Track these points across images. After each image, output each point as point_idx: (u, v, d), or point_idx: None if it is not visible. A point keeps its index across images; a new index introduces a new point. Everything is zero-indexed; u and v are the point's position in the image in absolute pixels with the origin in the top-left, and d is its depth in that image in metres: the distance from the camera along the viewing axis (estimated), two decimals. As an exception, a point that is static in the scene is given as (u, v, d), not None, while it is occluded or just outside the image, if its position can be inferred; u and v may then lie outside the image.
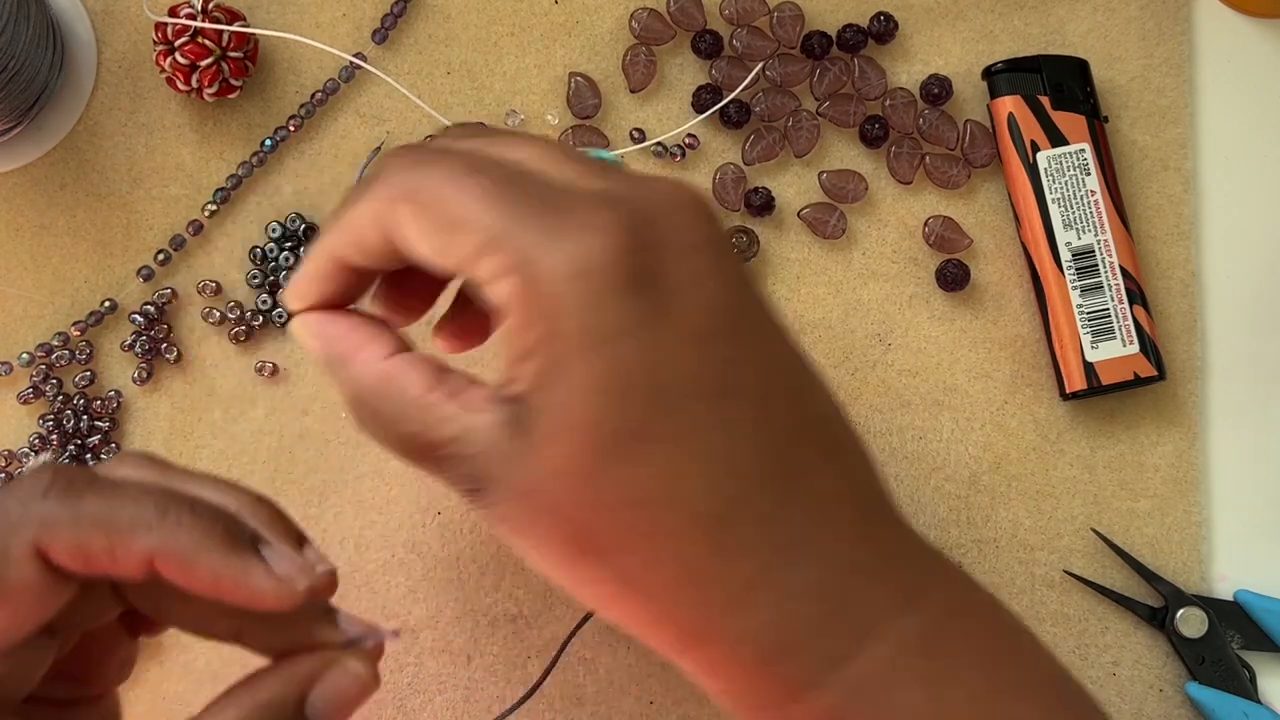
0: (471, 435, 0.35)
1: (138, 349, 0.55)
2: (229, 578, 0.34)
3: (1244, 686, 0.54)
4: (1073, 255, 0.55)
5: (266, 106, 0.56)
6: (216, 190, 0.56)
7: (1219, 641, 0.54)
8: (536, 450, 0.34)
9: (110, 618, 0.38)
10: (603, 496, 0.34)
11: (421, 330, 0.44)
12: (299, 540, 0.36)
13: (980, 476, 0.56)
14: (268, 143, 0.56)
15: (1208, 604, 0.55)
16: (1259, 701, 0.54)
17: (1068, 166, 0.55)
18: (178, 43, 0.53)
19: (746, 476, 0.34)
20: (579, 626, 0.54)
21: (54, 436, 0.54)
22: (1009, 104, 0.55)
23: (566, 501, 0.34)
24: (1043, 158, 0.55)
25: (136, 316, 0.55)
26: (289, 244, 0.55)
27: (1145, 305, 0.55)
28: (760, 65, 0.56)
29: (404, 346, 0.38)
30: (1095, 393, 0.54)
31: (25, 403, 0.55)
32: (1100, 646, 0.55)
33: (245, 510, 0.36)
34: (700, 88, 0.56)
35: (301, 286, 0.40)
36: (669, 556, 0.34)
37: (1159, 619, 0.55)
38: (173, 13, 0.53)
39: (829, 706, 0.35)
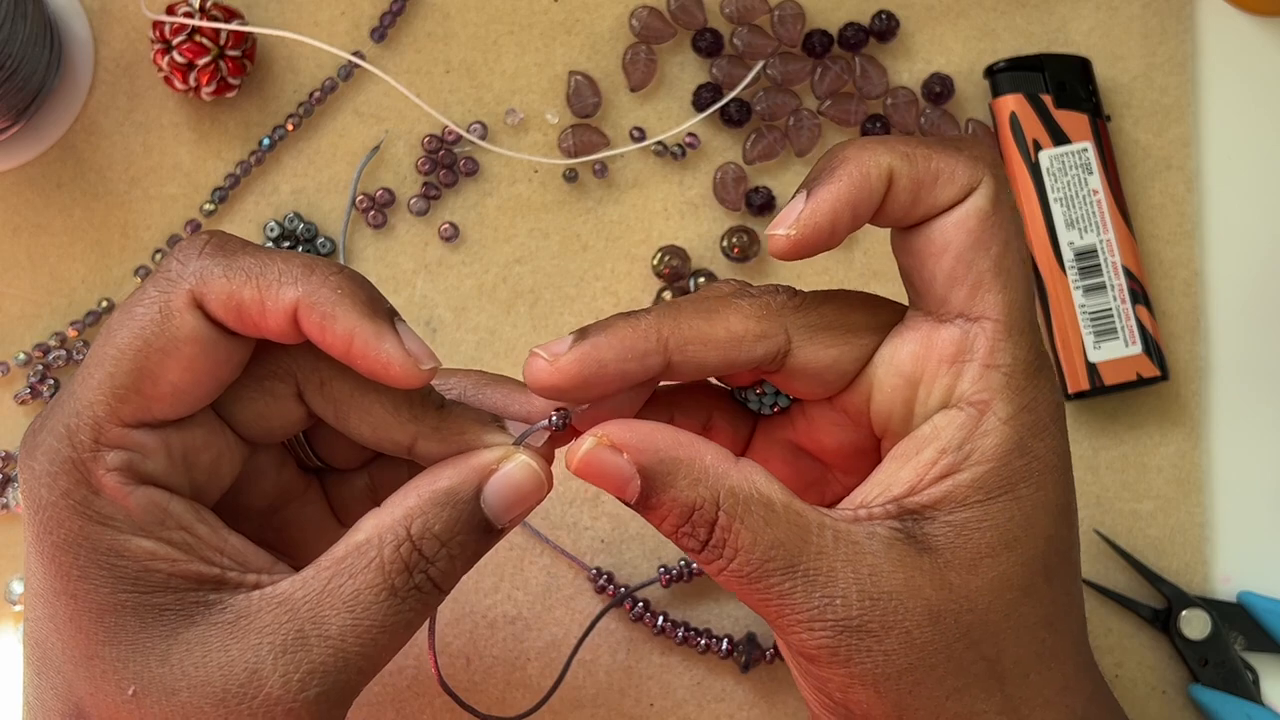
0: (856, 544, 0.35)
1: (135, 349, 0.55)
2: (363, 338, 0.35)
3: (1247, 688, 0.54)
4: (1075, 255, 0.54)
5: (264, 105, 0.56)
6: (214, 190, 0.55)
7: (1222, 643, 0.54)
8: (958, 569, 0.36)
9: (295, 422, 0.39)
10: (1023, 620, 0.36)
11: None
12: None
13: (982, 477, 0.55)
14: (265, 142, 0.55)
15: (1211, 605, 0.54)
16: (1262, 703, 0.54)
17: (1070, 166, 0.55)
18: (175, 41, 0.53)
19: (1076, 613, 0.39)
20: (586, 633, 0.54)
21: (51, 437, 0.54)
22: (1011, 103, 0.55)
23: (980, 624, 0.36)
24: (1045, 157, 0.55)
25: (134, 316, 0.55)
26: (287, 244, 0.55)
27: (1148, 305, 0.55)
28: (761, 64, 0.56)
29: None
30: (1098, 393, 0.54)
31: (22, 403, 0.55)
32: (1103, 648, 0.55)
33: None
34: (701, 86, 0.56)
35: (594, 355, 0.37)
36: (1056, 679, 0.37)
37: (1162, 620, 0.55)
38: (170, 11, 0.53)
39: None
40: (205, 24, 0.53)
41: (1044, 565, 0.37)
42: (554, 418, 0.38)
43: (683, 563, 0.54)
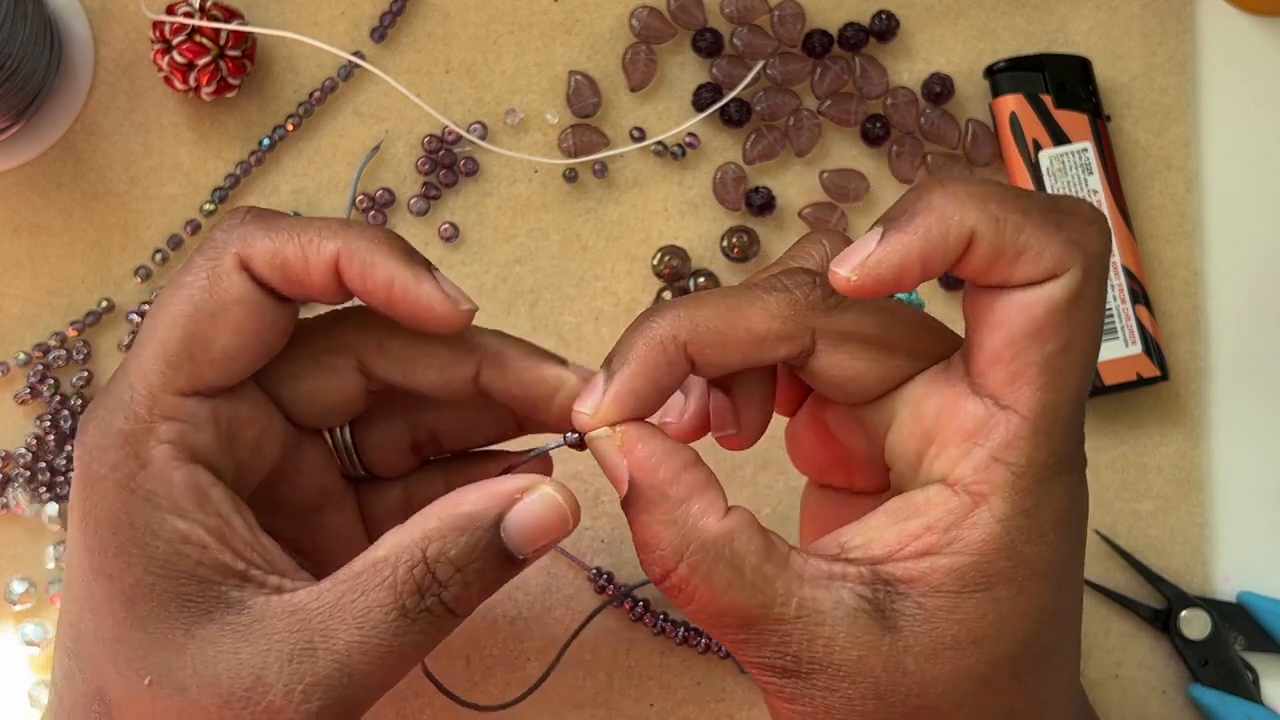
0: (819, 614, 0.35)
1: (135, 349, 0.55)
2: (403, 282, 0.37)
3: (1247, 688, 0.54)
4: (1075, 255, 0.54)
5: (264, 105, 0.56)
6: (214, 190, 0.55)
7: (1222, 643, 0.54)
8: (916, 655, 0.35)
9: (352, 398, 0.40)
10: (980, 712, 0.35)
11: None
12: None
13: (982, 477, 0.55)
14: (265, 142, 0.55)
15: (1211, 605, 0.54)
16: (1262, 704, 0.54)
17: (1070, 165, 0.55)
18: (175, 41, 0.53)
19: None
20: (581, 627, 0.53)
21: (51, 437, 0.54)
22: (1011, 103, 0.55)
23: (929, 709, 0.35)
24: (1045, 157, 0.55)
25: (134, 316, 0.55)
26: (287, 243, 0.55)
27: (1148, 305, 0.55)
28: (761, 64, 0.56)
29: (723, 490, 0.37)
30: (1098, 393, 0.54)
31: (22, 403, 0.55)
32: (1103, 649, 0.55)
33: None
34: (701, 86, 0.56)
35: (629, 388, 0.36)
36: None
37: (1162, 620, 0.55)
38: (170, 11, 0.53)
39: None
40: (205, 24, 0.53)
41: (1012, 665, 0.35)
42: (569, 436, 0.38)
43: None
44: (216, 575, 0.36)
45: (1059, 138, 0.55)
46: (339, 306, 0.41)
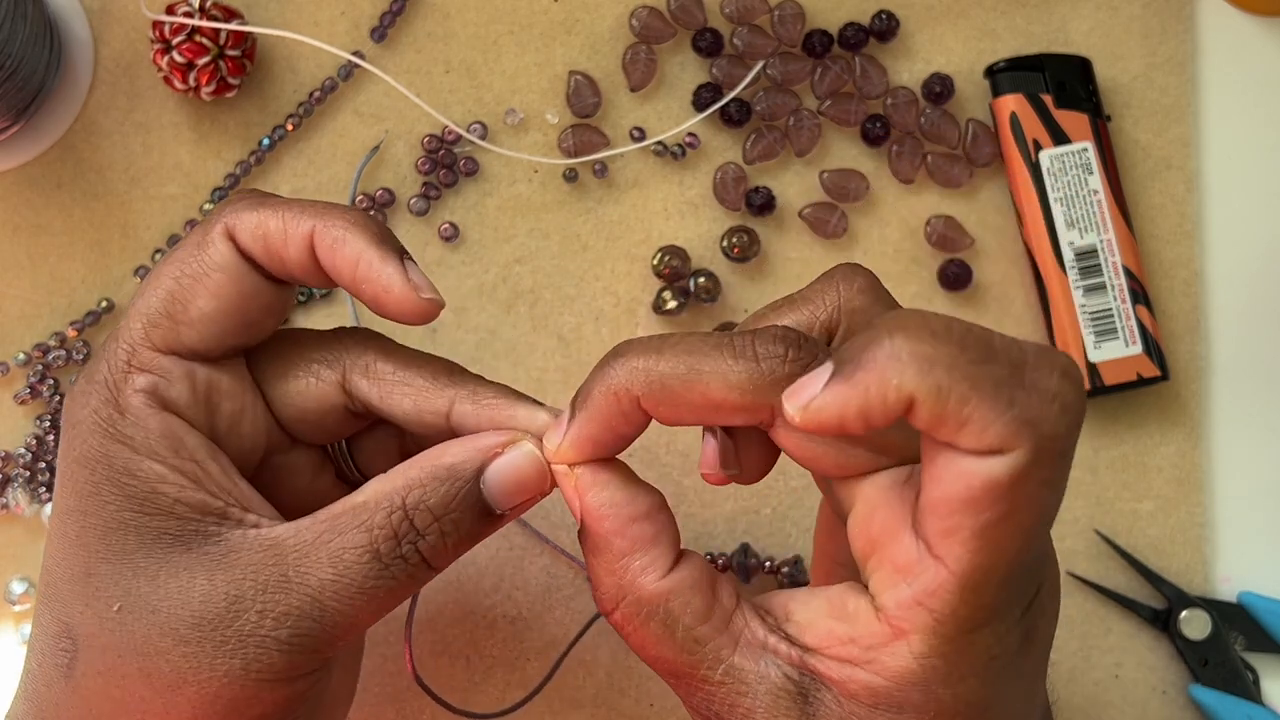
0: (744, 685, 0.35)
1: (135, 349, 0.55)
2: (367, 261, 0.38)
3: (1247, 689, 0.54)
4: (1075, 255, 0.54)
5: (264, 105, 0.56)
6: (214, 190, 0.55)
7: (1222, 643, 0.54)
8: None
9: (329, 411, 0.41)
10: None
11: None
12: None
13: (982, 477, 0.55)
14: (265, 142, 0.55)
15: (1211, 605, 0.54)
16: (1262, 704, 0.54)
17: (1070, 165, 0.55)
18: (175, 41, 0.53)
19: None
20: (583, 631, 0.53)
21: (51, 437, 0.54)
22: (1011, 102, 0.55)
23: None
24: (1045, 157, 0.55)
25: (134, 316, 0.55)
26: (287, 243, 0.55)
27: (1148, 305, 0.55)
28: (761, 64, 0.56)
29: (678, 544, 0.37)
30: (1098, 393, 0.54)
31: (22, 403, 0.54)
32: (1103, 648, 0.55)
33: None
34: (701, 86, 0.56)
35: (585, 433, 0.37)
36: None
37: (1162, 621, 0.55)
38: (170, 11, 0.53)
39: None
40: (205, 24, 0.53)
41: None
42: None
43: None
44: (194, 512, 0.37)
45: (1059, 138, 0.55)
46: (345, 327, 0.42)
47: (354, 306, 0.55)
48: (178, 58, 0.53)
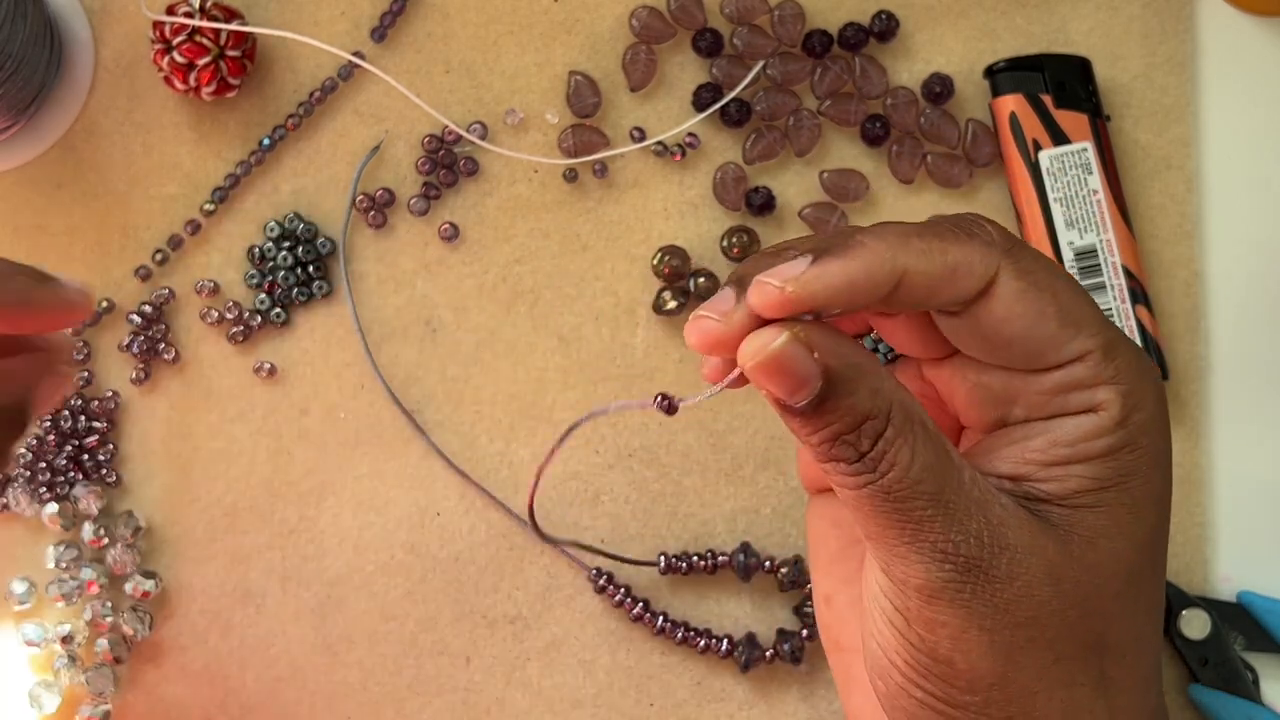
0: (989, 496, 0.35)
1: (135, 349, 0.55)
2: (39, 291, 0.38)
3: (1247, 688, 0.54)
4: (1075, 255, 0.54)
5: (264, 105, 0.56)
6: (214, 190, 0.55)
7: (1222, 643, 0.54)
8: (1077, 543, 0.35)
9: None
10: (1128, 604, 0.36)
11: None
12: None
13: (982, 477, 0.55)
14: (265, 142, 0.55)
15: (1211, 605, 0.54)
16: (1262, 703, 0.54)
17: (1070, 165, 0.55)
18: (175, 41, 0.53)
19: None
20: (574, 427, 0.53)
21: (51, 436, 0.54)
22: (1011, 103, 0.55)
23: (1095, 595, 0.36)
24: (1045, 157, 0.55)
25: (134, 316, 0.55)
26: (287, 244, 0.55)
27: (1148, 305, 0.55)
28: (761, 64, 0.56)
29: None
30: (1098, 393, 0.54)
31: (22, 403, 0.54)
32: (1103, 648, 0.55)
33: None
34: (701, 86, 0.56)
35: (842, 272, 0.35)
36: (1143, 667, 0.37)
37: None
38: (170, 11, 0.53)
39: None
40: (205, 24, 0.53)
41: (1151, 554, 0.37)
42: (659, 399, 0.36)
43: (677, 556, 0.54)
44: None
45: (1059, 138, 0.55)
46: None
47: (354, 306, 0.55)
48: (178, 58, 0.53)
